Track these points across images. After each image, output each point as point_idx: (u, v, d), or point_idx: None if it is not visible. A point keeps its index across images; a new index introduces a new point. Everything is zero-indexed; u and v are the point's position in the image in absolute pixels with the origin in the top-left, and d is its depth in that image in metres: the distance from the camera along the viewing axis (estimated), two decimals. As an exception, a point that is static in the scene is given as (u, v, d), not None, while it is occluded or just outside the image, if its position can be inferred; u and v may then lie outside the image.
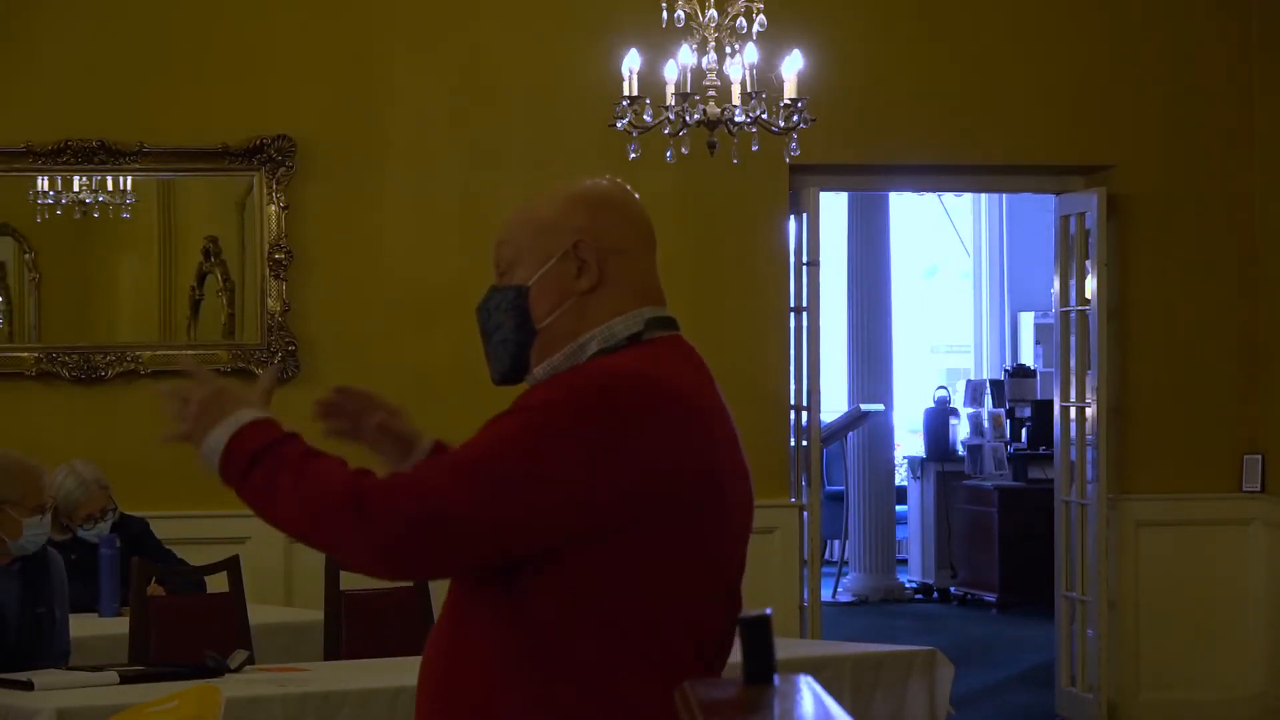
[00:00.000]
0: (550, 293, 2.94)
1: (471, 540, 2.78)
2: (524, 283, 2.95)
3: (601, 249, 2.95)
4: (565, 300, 2.94)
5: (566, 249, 2.94)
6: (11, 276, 8.96)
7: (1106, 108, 9.64)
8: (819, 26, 9.13)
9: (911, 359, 17.60)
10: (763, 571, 9.12)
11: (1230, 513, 9.72)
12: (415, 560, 2.81)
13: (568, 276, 2.94)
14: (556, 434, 2.78)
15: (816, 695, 2.17)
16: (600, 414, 2.80)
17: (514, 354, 2.96)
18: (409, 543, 2.78)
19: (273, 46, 8.99)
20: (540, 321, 2.94)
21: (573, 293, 2.94)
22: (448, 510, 2.77)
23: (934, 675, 6.53)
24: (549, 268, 2.94)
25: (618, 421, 2.80)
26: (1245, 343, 9.72)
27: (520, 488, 2.77)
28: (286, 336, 8.92)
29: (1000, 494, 13.96)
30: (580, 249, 2.94)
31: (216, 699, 4.66)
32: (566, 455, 2.78)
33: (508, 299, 2.96)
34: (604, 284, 2.94)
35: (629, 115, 7.41)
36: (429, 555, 2.78)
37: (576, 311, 2.94)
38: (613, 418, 2.80)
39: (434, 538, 2.77)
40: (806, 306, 9.40)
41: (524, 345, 2.96)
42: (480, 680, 2.85)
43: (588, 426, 2.79)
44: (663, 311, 3.00)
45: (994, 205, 16.68)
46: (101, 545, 7.30)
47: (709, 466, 2.87)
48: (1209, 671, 9.68)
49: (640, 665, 2.83)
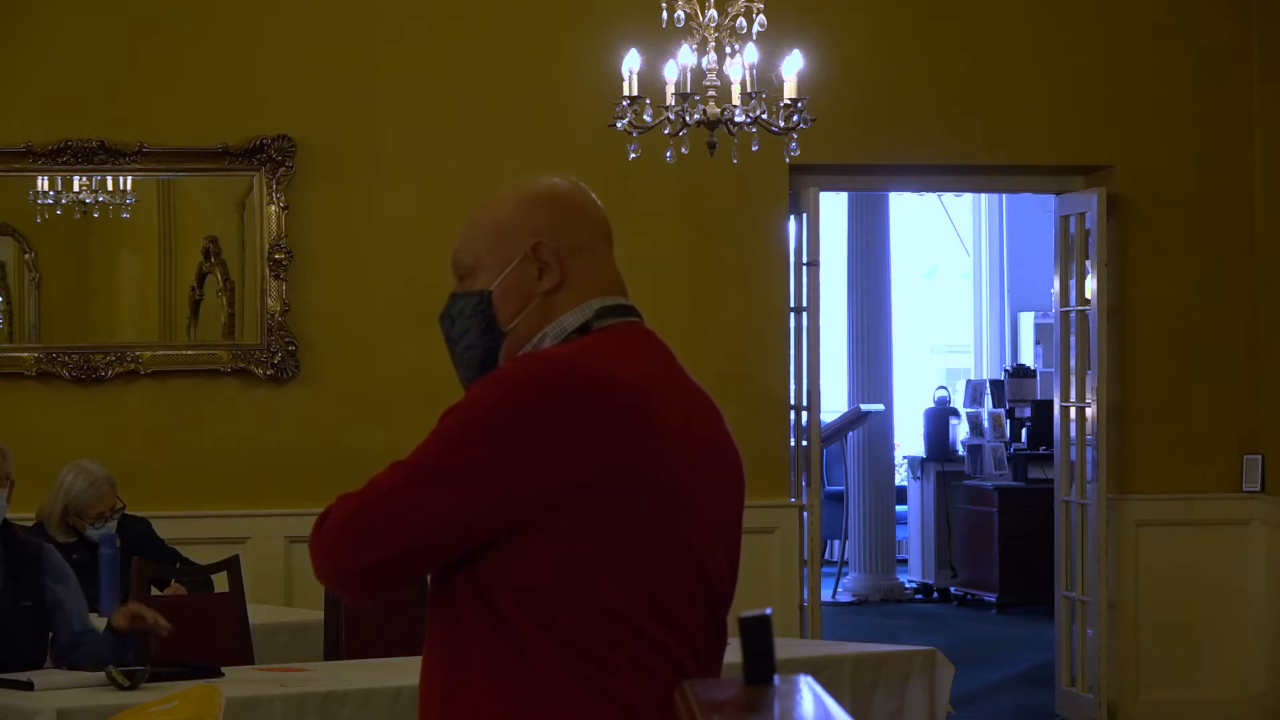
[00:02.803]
0: (514, 296, 2.96)
1: (386, 527, 2.82)
2: (487, 288, 2.97)
3: (561, 248, 2.96)
4: (529, 302, 2.96)
5: (526, 252, 2.95)
6: (11, 276, 8.96)
7: (1106, 108, 9.65)
8: (819, 26, 9.13)
9: (911, 359, 17.61)
10: (763, 571, 9.13)
11: (1230, 513, 9.72)
12: (342, 552, 2.85)
13: (529, 278, 2.95)
14: (471, 425, 2.82)
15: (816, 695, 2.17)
16: (515, 404, 2.81)
17: (482, 359, 2.98)
18: (340, 534, 2.85)
19: (273, 46, 9.00)
20: (507, 325, 2.96)
21: (536, 294, 2.95)
22: (368, 498, 2.84)
23: (934, 675, 6.53)
24: (510, 271, 2.96)
25: (534, 410, 2.81)
26: (1245, 343, 9.72)
27: (435, 475, 2.81)
28: (286, 336, 8.92)
29: (1000, 494, 13.96)
30: (540, 251, 2.95)
31: (216, 699, 4.66)
32: (480, 444, 2.80)
33: (471, 305, 2.98)
34: (566, 282, 2.96)
35: (629, 115, 7.41)
36: (353, 545, 2.83)
37: (540, 312, 2.96)
38: (529, 407, 2.81)
39: (356, 525, 2.83)
40: (806, 306, 9.40)
41: (492, 350, 2.97)
42: (479, 700, 2.86)
43: (502, 418, 2.81)
44: (617, 300, 3.01)
45: (994, 205, 16.68)
46: (102, 545, 7.30)
47: (645, 452, 2.85)
48: (1209, 671, 9.69)
49: (627, 667, 2.83)
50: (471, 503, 2.80)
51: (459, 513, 2.81)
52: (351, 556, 2.84)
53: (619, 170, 8.79)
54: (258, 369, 8.89)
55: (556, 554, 2.81)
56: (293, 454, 8.91)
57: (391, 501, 2.82)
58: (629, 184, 9.07)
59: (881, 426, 14.75)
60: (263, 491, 8.91)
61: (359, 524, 2.83)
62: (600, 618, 2.81)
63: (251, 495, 8.91)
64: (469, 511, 2.81)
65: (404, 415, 8.68)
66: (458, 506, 2.80)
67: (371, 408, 8.95)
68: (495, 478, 2.80)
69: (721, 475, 2.97)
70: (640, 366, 2.93)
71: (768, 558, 9.22)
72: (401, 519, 2.82)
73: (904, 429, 15.80)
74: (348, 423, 8.93)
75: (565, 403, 2.82)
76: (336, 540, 2.84)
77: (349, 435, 8.92)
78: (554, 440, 2.80)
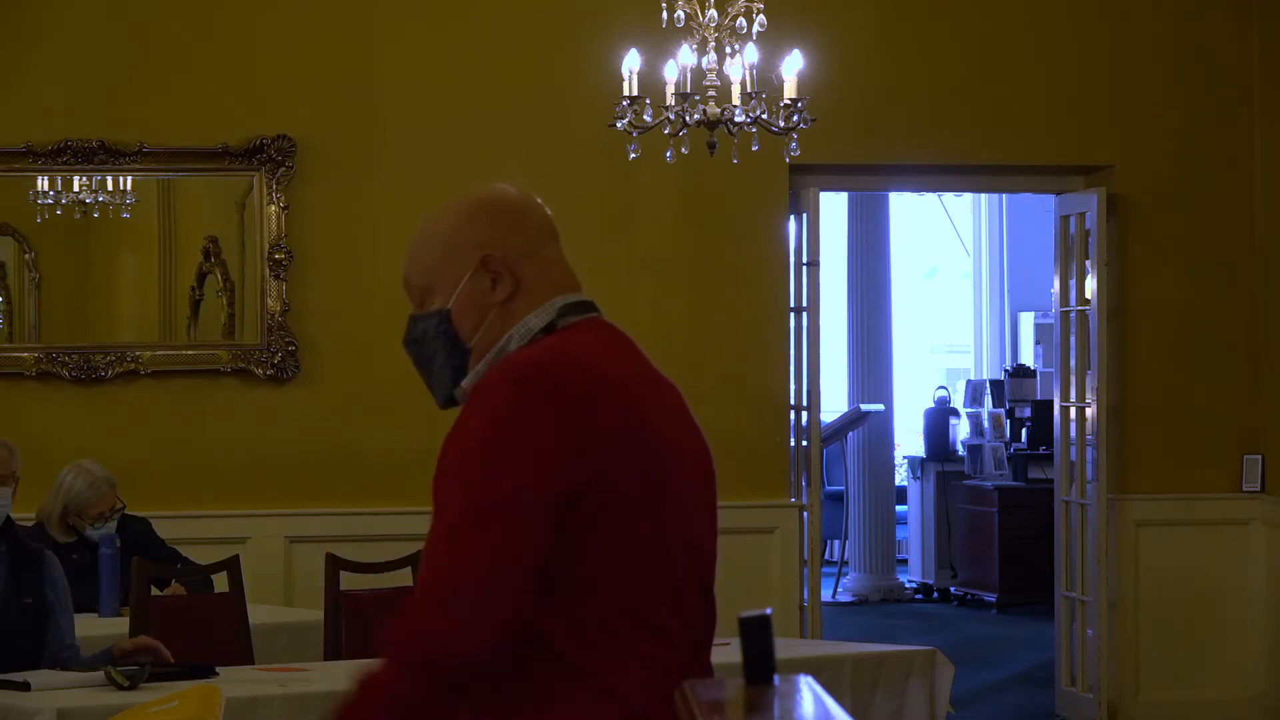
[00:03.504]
0: (471, 310, 2.97)
1: (495, 579, 2.76)
2: (444, 307, 2.98)
3: (509, 256, 2.97)
4: (487, 314, 2.97)
5: (476, 265, 2.96)
6: (11, 276, 8.96)
7: (1106, 108, 9.65)
8: (819, 26, 9.13)
9: (911, 359, 17.60)
10: (763, 571, 9.13)
11: (1230, 513, 9.72)
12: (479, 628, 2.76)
13: (483, 291, 2.96)
14: (488, 452, 2.80)
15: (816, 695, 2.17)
16: (522, 418, 2.81)
17: (453, 377, 2.99)
18: (460, 613, 2.76)
19: (273, 46, 9.00)
20: (470, 339, 2.97)
21: (492, 304, 2.97)
22: (455, 573, 2.77)
23: (934, 675, 6.53)
24: (464, 287, 2.97)
25: (537, 418, 2.81)
26: (1245, 343, 9.72)
27: (491, 514, 2.77)
28: (286, 336, 8.92)
29: (1000, 494, 13.96)
30: (489, 262, 2.96)
31: (216, 699, 4.66)
32: (508, 467, 2.79)
33: (432, 326, 2.99)
34: (520, 288, 2.97)
35: (629, 115, 7.41)
36: (482, 611, 2.75)
37: (500, 321, 2.97)
38: (533, 418, 2.81)
39: (470, 594, 2.76)
40: (806, 306, 9.40)
41: (460, 367, 2.99)
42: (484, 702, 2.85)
43: (515, 434, 2.80)
44: (576, 296, 3.01)
45: (994, 205, 16.67)
46: (101, 545, 7.30)
47: (643, 445, 2.88)
48: (1209, 671, 9.69)
49: (635, 666, 2.83)
50: (533, 521, 2.79)
51: (530, 535, 2.79)
52: (487, 627, 2.76)
53: (619, 170, 8.79)
54: (258, 369, 8.89)
55: (573, 552, 2.82)
56: (293, 454, 8.91)
57: (480, 559, 2.76)
58: (629, 184, 9.07)
59: (881, 426, 14.75)
60: (263, 491, 8.91)
61: (471, 593, 2.76)
62: (616, 615, 2.83)
63: (251, 495, 8.91)
64: (535, 530, 2.79)
65: (404, 415, 8.68)
66: (524, 529, 2.79)
67: (371, 408, 8.95)
68: (536, 493, 2.79)
69: (699, 461, 3.02)
70: (616, 361, 2.95)
71: (768, 558, 9.22)
72: (500, 567, 2.77)
73: (904, 429, 15.80)
74: (348, 423, 8.93)
75: (564, 404, 2.83)
76: (463, 621, 2.75)
77: (349, 435, 8.92)
78: (562, 443, 2.81)
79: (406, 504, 8.57)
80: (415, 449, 8.44)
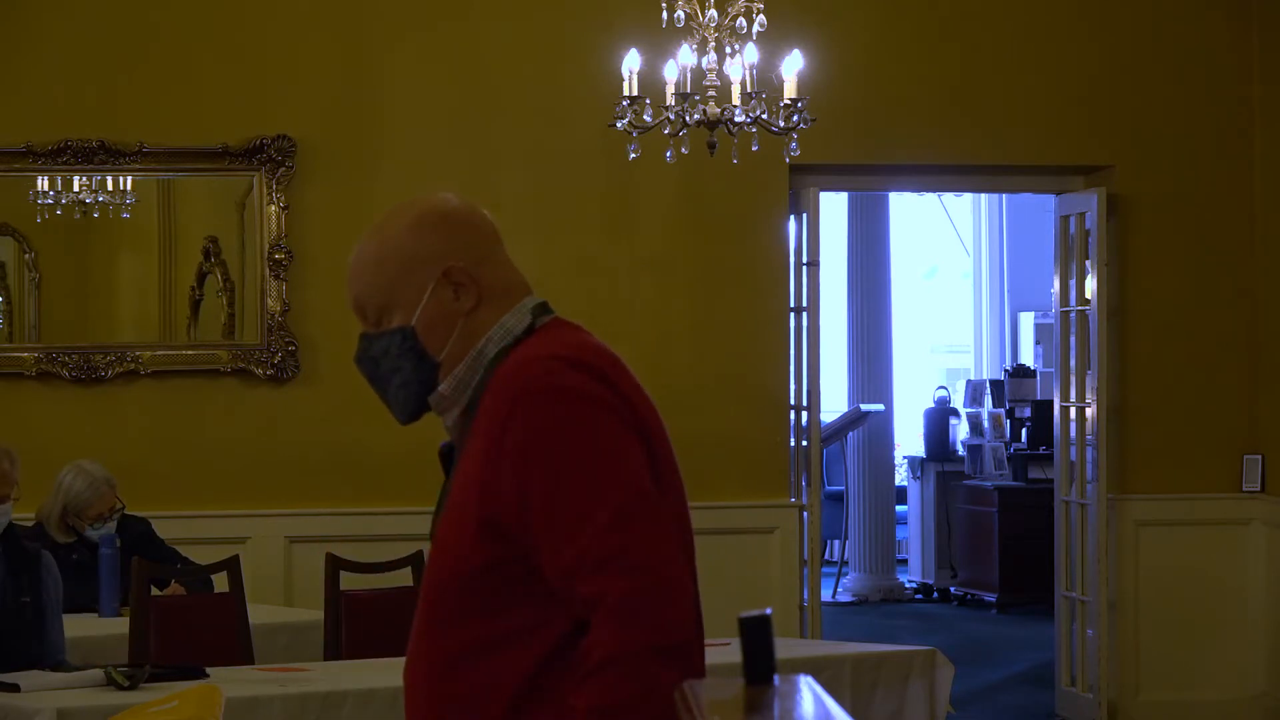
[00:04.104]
0: (439, 324, 2.96)
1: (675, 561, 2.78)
2: (407, 323, 2.97)
3: (469, 264, 2.96)
4: (454, 325, 2.96)
5: (438, 277, 2.95)
6: (11, 276, 8.96)
7: (1106, 108, 9.65)
8: (819, 26, 9.13)
9: (911, 359, 17.60)
10: (763, 571, 9.13)
11: (1230, 513, 9.72)
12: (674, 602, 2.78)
13: (447, 302, 2.95)
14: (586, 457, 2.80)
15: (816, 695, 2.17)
16: (569, 416, 2.82)
17: (419, 392, 2.99)
18: (668, 601, 2.76)
19: (273, 46, 8.99)
20: (439, 353, 2.96)
21: (459, 314, 2.96)
22: (650, 572, 2.76)
23: (934, 675, 6.53)
24: (428, 300, 2.95)
25: (584, 409, 2.83)
26: (1245, 342, 9.72)
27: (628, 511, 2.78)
28: (286, 336, 8.92)
29: (1000, 494, 13.96)
30: (452, 273, 2.95)
31: (216, 699, 4.66)
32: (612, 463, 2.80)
33: (395, 344, 2.98)
34: (483, 296, 2.96)
35: (629, 115, 7.40)
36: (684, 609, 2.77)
37: (467, 330, 2.96)
38: (581, 407, 2.82)
39: (666, 578, 2.77)
40: (806, 306, 9.40)
41: (427, 382, 2.98)
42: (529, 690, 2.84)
43: (596, 433, 2.81)
44: (539, 297, 3.02)
45: (994, 205, 16.67)
46: (101, 545, 7.30)
47: (655, 428, 2.92)
48: (1209, 671, 9.69)
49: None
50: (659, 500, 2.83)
51: (666, 510, 2.83)
52: (691, 604, 2.79)
53: (619, 170, 8.79)
54: (258, 369, 8.89)
55: None
56: (293, 454, 8.91)
57: (660, 545, 2.78)
58: (629, 184, 9.07)
59: (881, 426, 14.74)
60: (263, 491, 8.91)
61: (667, 577, 2.77)
62: None
63: (251, 495, 8.91)
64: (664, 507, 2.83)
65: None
66: (661, 508, 2.82)
67: (371, 408, 8.85)
68: (644, 476, 2.82)
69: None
70: (603, 347, 2.97)
71: (768, 558, 9.22)
72: (670, 552, 2.79)
73: (904, 429, 15.79)
74: (348, 423, 8.93)
75: (609, 391, 2.86)
76: (681, 606, 2.76)
77: (349, 435, 8.92)
78: (627, 426, 2.85)
79: (406, 504, 8.57)
80: (415, 449, 8.42)
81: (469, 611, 2.86)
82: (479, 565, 2.85)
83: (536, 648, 2.83)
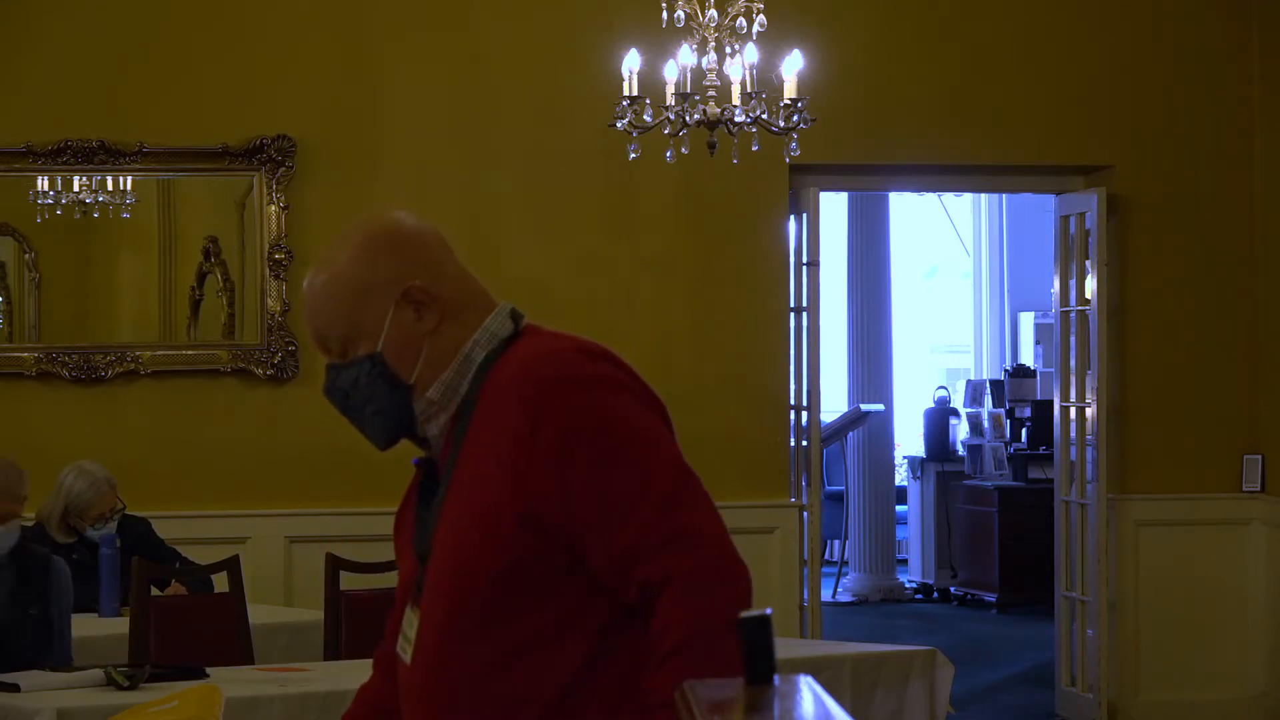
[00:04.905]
0: (406, 347, 2.92)
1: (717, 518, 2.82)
2: (373, 350, 2.94)
3: (425, 282, 2.92)
4: (421, 345, 2.92)
5: (396, 299, 2.91)
6: (11, 276, 8.96)
7: (1106, 108, 9.65)
8: (819, 26, 9.13)
9: (911, 359, 17.60)
10: (763, 571, 9.13)
11: (1230, 513, 9.72)
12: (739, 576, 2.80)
13: (410, 323, 2.92)
14: (632, 433, 2.81)
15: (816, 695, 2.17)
16: (628, 396, 2.83)
17: (396, 416, 2.99)
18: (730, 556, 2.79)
19: (273, 46, 9.00)
20: (410, 375, 2.94)
21: (424, 334, 2.92)
22: (705, 536, 2.77)
23: (934, 675, 6.53)
24: (390, 325, 2.92)
25: (612, 393, 2.83)
26: (1245, 343, 9.72)
27: (677, 475, 2.80)
28: (286, 336, 8.92)
29: (1000, 494, 13.96)
30: (412, 293, 2.91)
31: (216, 699, 4.65)
32: (650, 434, 2.82)
33: (364, 372, 2.97)
34: (447, 311, 2.92)
35: (629, 115, 7.41)
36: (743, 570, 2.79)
37: (435, 345, 2.92)
38: (610, 393, 2.83)
39: (722, 538, 2.79)
40: (806, 306, 9.40)
41: (403, 404, 2.97)
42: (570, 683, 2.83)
43: (614, 413, 2.81)
44: (507, 303, 3.00)
45: (994, 205, 16.68)
46: (102, 545, 7.30)
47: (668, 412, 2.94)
48: (1209, 671, 9.69)
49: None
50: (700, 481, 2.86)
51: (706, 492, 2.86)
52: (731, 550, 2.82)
53: (619, 170, 8.79)
54: (258, 369, 8.89)
55: None
56: (293, 454, 8.91)
57: (711, 516, 2.79)
58: (629, 184, 9.07)
59: (881, 426, 14.75)
60: (263, 491, 8.91)
61: (727, 551, 2.78)
62: None
63: (251, 495, 8.91)
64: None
65: (404, 415, 8.67)
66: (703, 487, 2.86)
67: (371, 408, 8.94)
68: (680, 452, 2.85)
69: None
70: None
71: (768, 558, 9.22)
72: (722, 526, 2.81)
73: (904, 429, 15.80)
74: (348, 423, 8.91)
75: (635, 381, 2.87)
76: (742, 569, 2.79)
77: (349, 435, 8.82)
78: (654, 413, 2.86)
79: (406, 504, 8.56)
80: (415, 450, 8.44)
81: (504, 611, 2.84)
82: (514, 560, 2.82)
83: (580, 639, 2.81)
